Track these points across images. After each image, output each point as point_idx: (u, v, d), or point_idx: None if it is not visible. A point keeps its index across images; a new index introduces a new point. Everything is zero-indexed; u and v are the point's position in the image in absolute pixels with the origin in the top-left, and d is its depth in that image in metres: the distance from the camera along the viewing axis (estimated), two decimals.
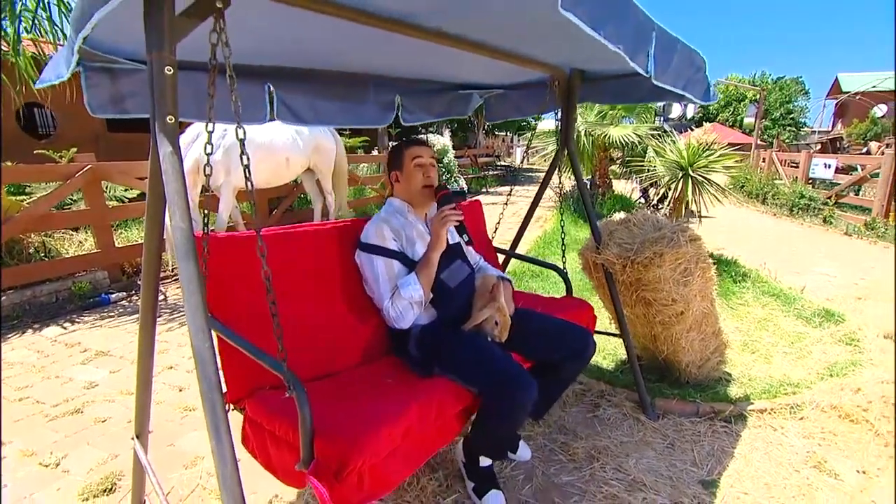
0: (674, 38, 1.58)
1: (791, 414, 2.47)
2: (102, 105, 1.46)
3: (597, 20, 1.07)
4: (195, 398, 2.56)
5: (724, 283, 4.67)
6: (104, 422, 2.35)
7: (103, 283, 4.37)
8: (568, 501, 1.84)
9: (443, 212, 1.72)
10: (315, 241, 1.80)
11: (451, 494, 1.84)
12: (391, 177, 1.90)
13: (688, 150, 4.88)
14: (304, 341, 1.63)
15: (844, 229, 7.88)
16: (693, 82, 1.85)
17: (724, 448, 2.19)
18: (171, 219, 1.01)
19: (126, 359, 3.04)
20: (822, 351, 3.30)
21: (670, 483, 1.94)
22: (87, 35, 1.00)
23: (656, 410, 2.45)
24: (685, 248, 2.24)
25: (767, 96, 31.76)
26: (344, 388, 1.57)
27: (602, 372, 2.84)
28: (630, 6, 1.24)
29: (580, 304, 2.36)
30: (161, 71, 0.98)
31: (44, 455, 2.08)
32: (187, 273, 0.98)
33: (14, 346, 3.21)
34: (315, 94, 1.98)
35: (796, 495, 1.91)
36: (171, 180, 1.00)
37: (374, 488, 1.26)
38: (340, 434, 1.24)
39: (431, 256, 1.72)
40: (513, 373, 1.55)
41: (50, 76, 1.27)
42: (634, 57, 1.30)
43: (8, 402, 2.51)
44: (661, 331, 2.50)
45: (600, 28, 1.10)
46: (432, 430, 1.46)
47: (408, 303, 1.68)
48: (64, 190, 4.16)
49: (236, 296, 1.50)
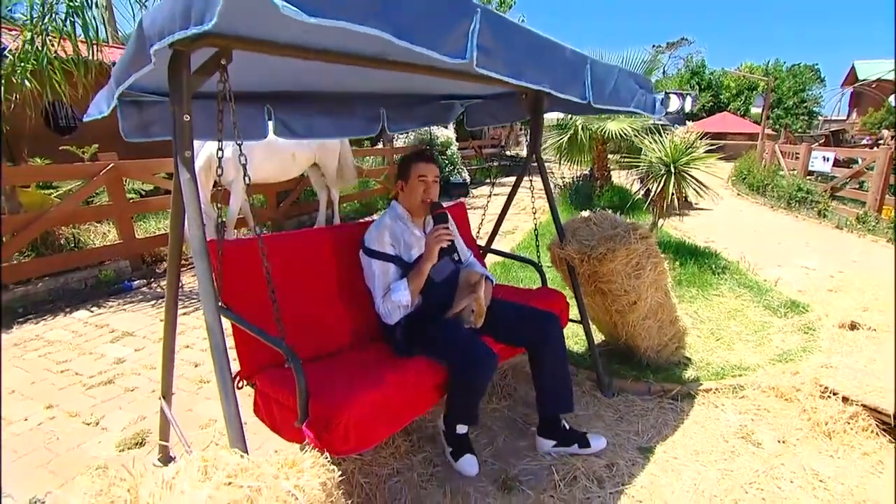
0: (612, 67, 1.88)
1: (733, 393, 2.76)
2: (133, 131, 1.81)
3: (514, 71, 1.38)
4: (209, 372, 2.94)
5: (704, 274, 4.93)
6: (132, 391, 2.75)
7: (126, 272, 4.78)
8: (521, 461, 2.17)
9: (437, 230, 2.00)
10: (312, 244, 2.14)
11: (421, 453, 2.19)
12: (398, 185, 2.18)
13: (671, 148, 5.11)
14: (304, 328, 1.95)
15: (837, 222, 8.03)
16: (639, 100, 2.16)
17: (666, 421, 2.51)
18: (189, 227, 1.35)
19: (148, 339, 3.44)
20: (782, 339, 3.57)
21: (611, 449, 2.26)
22: (125, 88, 1.33)
23: (612, 389, 2.77)
24: (636, 245, 2.55)
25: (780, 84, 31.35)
26: (336, 365, 1.91)
27: (570, 355, 3.15)
28: (552, 52, 1.54)
29: (553, 294, 2.68)
30: (181, 118, 1.31)
31: (85, 416, 2.50)
32: (201, 268, 1.32)
33: (52, 327, 3.65)
34: (308, 112, 2.31)
35: (718, 459, 2.22)
36: (189, 199, 1.33)
37: (357, 442, 1.59)
38: (330, 397, 1.58)
39: (423, 268, 2.00)
40: (477, 352, 1.88)
41: (94, 112, 1.62)
42: (564, 90, 1.61)
43: (52, 374, 2.94)
44: (619, 318, 2.81)
45: (520, 76, 1.41)
46: (409, 398, 1.78)
47: (395, 305, 2.00)
48: (90, 187, 4.56)
49: (246, 290, 1.81)
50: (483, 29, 1.23)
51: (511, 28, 1.36)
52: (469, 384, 1.89)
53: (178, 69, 1.29)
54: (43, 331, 3.61)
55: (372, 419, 1.63)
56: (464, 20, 1.20)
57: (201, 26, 0.94)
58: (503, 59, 1.33)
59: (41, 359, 3.16)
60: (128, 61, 1.28)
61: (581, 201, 8.74)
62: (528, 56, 1.42)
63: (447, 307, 2.05)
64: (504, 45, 1.32)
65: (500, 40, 1.31)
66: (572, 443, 2.20)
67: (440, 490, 1.98)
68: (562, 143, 8.10)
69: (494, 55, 1.29)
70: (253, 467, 1.02)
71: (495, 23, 1.28)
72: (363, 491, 1.94)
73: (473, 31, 1.22)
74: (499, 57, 1.31)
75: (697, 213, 9.55)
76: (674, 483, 2.06)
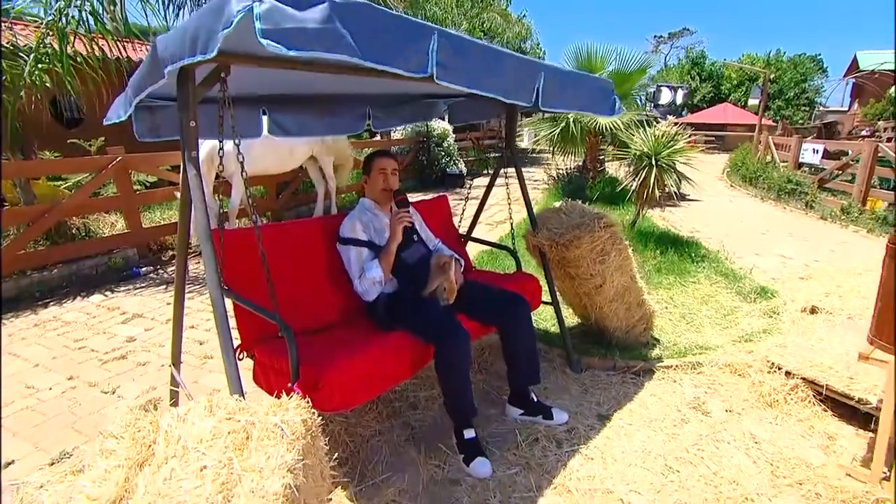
0: (568, 74, 2.11)
1: (692, 370, 3.02)
2: (145, 132, 2.07)
3: (469, 82, 1.62)
4: (213, 349, 3.22)
5: (683, 262, 5.17)
6: (143, 365, 3.03)
7: (133, 259, 5.06)
8: (490, 426, 2.44)
9: (399, 213, 2.29)
10: (304, 233, 2.39)
11: (401, 418, 2.46)
12: (363, 180, 2.47)
13: (653, 141, 5.33)
14: (296, 306, 2.19)
15: (822, 213, 8.24)
16: (594, 102, 2.40)
17: (626, 394, 2.77)
18: (195, 216, 1.60)
19: (157, 320, 3.72)
20: (748, 323, 3.82)
21: (573, 416, 2.51)
22: (141, 98, 1.58)
23: (581, 366, 3.03)
24: (600, 233, 2.79)
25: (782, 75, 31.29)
26: (325, 338, 2.16)
27: (542, 335, 3.41)
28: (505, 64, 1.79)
29: (527, 277, 2.94)
30: (188, 124, 1.56)
31: (103, 386, 2.78)
32: (206, 251, 1.57)
33: (69, 310, 3.94)
34: (300, 112, 2.55)
35: (668, 426, 2.48)
36: (195, 192, 1.58)
37: (340, 402, 1.85)
38: (318, 363, 1.83)
39: (390, 247, 2.27)
40: (450, 326, 2.13)
41: (113, 116, 1.87)
42: (513, 97, 1.86)
43: (70, 350, 3.23)
44: (588, 300, 3.06)
45: (474, 86, 1.65)
46: (388, 368, 2.03)
47: (371, 282, 2.26)
48: (99, 179, 4.81)
49: (246, 273, 2.04)
50: (441, 48, 1.48)
51: (466, 45, 1.60)
52: (450, 361, 2.10)
53: (185, 83, 1.54)
54: (60, 313, 3.89)
55: (354, 383, 1.89)
56: (423, 41, 1.44)
57: (205, 55, 1.18)
58: (460, 73, 1.57)
59: (59, 337, 3.45)
60: (144, 76, 1.53)
61: (574, 193, 8.94)
62: (482, 69, 1.67)
63: (423, 288, 2.31)
64: (460, 60, 1.56)
65: (457, 56, 1.55)
66: (538, 414, 2.46)
67: (416, 448, 2.25)
68: (554, 136, 8.32)
69: (452, 69, 1.53)
70: (248, 407, 1.28)
71: (452, 42, 1.52)
72: (348, 448, 2.21)
73: (433, 50, 1.46)
74: (456, 71, 1.55)
75: (688, 203, 9.77)
76: (625, 445, 2.32)
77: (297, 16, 1.10)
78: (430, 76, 1.48)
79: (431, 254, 2.50)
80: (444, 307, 2.25)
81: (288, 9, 1.09)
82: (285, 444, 1.18)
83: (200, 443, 1.17)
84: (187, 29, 1.24)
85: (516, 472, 2.10)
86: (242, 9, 1.06)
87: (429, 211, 2.91)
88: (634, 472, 2.14)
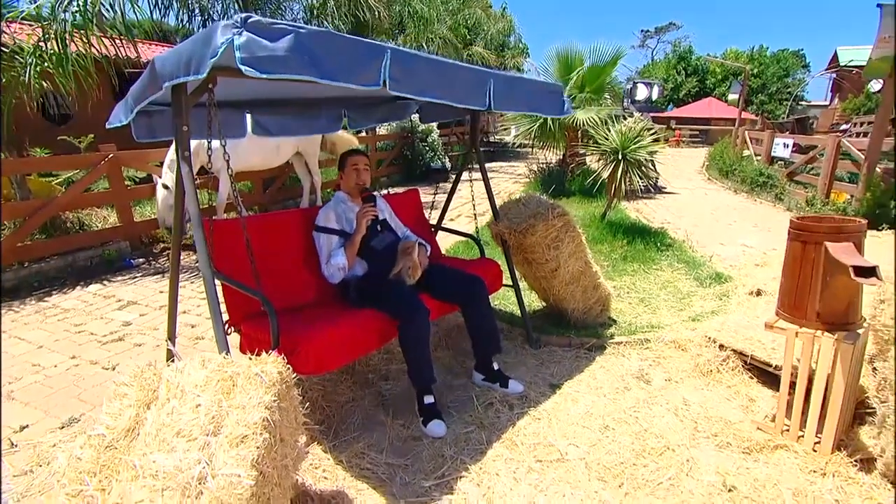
0: (515, 78, 2.41)
1: (640, 346, 3.34)
2: (142, 134, 2.35)
3: (418, 90, 1.91)
4: (203, 331, 3.50)
5: (649, 251, 5.51)
6: (140, 346, 3.31)
7: (126, 251, 5.30)
8: (453, 394, 2.74)
9: (364, 208, 2.58)
10: (285, 223, 2.67)
11: (373, 388, 2.77)
12: (339, 175, 2.76)
13: (621, 137, 5.65)
14: (277, 287, 2.48)
15: (789, 205, 8.64)
16: (543, 103, 2.71)
17: (578, 367, 3.08)
18: (188, 205, 1.88)
19: (150, 306, 3.98)
20: (700, 305, 4.16)
21: (527, 386, 2.82)
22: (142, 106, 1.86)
23: (539, 343, 3.34)
24: (553, 222, 3.10)
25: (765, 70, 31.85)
26: (302, 314, 2.44)
27: (508, 316, 3.72)
28: (453, 74, 2.08)
29: (488, 262, 3.24)
30: (181, 129, 1.84)
31: (103, 363, 3.06)
32: (198, 236, 1.85)
33: (67, 298, 4.20)
34: (280, 114, 2.83)
35: (612, 392, 2.80)
36: (189, 188, 1.86)
37: (315, 366, 2.14)
38: (295, 332, 2.12)
39: (355, 238, 2.56)
40: (412, 304, 2.42)
41: (114, 121, 2.14)
42: (464, 102, 2.16)
43: (71, 334, 3.49)
44: (546, 283, 3.37)
45: (424, 94, 1.95)
46: (357, 338, 2.32)
47: (335, 267, 2.54)
48: (93, 175, 5.04)
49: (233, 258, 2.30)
50: (393, 63, 1.76)
51: (415, 60, 1.89)
52: (412, 335, 2.41)
53: (179, 94, 1.82)
54: (58, 301, 4.15)
55: (326, 350, 2.18)
56: (377, 59, 1.73)
57: (198, 75, 1.47)
58: (410, 84, 1.86)
59: (60, 322, 3.71)
60: (145, 88, 1.80)
61: (554, 186, 9.23)
62: (430, 79, 1.96)
63: (390, 270, 2.60)
64: (410, 72, 1.85)
65: (407, 69, 1.83)
66: (496, 381, 2.78)
67: (385, 413, 2.55)
68: (532, 131, 8.62)
69: (402, 81, 1.82)
70: (234, 362, 1.57)
71: (402, 58, 1.81)
72: (325, 412, 2.51)
73: (385, 66, 1.75)
74: (406, 82, 1.84)
75: (665, 196, 10.14)
76: (570, 408, 2.64)
77: (268, 45, 1.38)
78: (383, 87, 1.76)
79: (399, 241, 2.79)
80: (408, 287, 2.54)
81: (262, 40, 1.38)
82: (264, 388, 1.48)
83: (195, 388, 1.46)
84: (182, 53, 1.52)
85: (471, 430, 2.42)
86: (225, 41, 1.34)
87: (400, 203, 3.21)
88: (575, 430, 2.46)
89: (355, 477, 2.09)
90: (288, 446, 1.57)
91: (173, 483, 1.22)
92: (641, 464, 2.21)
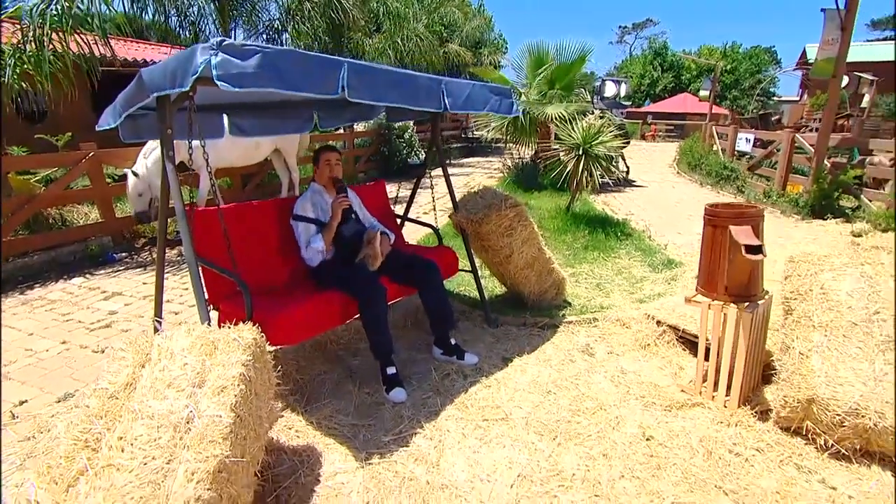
0: (465, 84, 2.72)
1: (589, 324, 3.69)
2: (129, 135, 2.60)
3: (375, 97, 2.21)
4: (186, 317, 3.76)
5: (609, 241, 5.88)
6: (126, 331, 3.56)
7: (109, 246, 5.48)
8: (414, 366, 3.05)
9: (338, 198, 2.87)
10: (260, 212, 2.94)
11: (343, 363, 3.07)
12: (314, 169, 3.04)
13: (582, 133, 6.00)
14: (252, 270, 2.75)
15: (748, 197, 9.12)
16: (494, 104, 3.01)
17: (530, 343, 3.41)
18: (172, 199, 2.14)
19: (135, 297, 4.21)
20: (651, 289, 4.52)
21: (482, 359, 3.13)
22: (130, 111, 2.12)
23: (497, 322, 3.66)
24: (506, 212, 3.42)
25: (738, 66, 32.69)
26: (275, 294, 2.73)
27: (468, 299, 4.04)
28: (407, 81, 2.38)
29: (445, 249, 3.56)
30: (165, 132, 2.11)
31: (93, 347, 3.31)
32: (182, 226, 2.12)
33: (52, 291, 4.40)
34: (255, 116, 3.10)
35: (557, 364, 3.13)
36: (173, 185, 2.13)
37: (284, 338, 2.42)
38: (267, 309, 2.40)
39: (331, 224, 2.85)
40: (371, 285, 2.72)
41: (104, 124, 2.39)
42: (419, 104, 2.45)
43: (59, 322, 3.71)
44: (502, 269, 3.70)
45: (381, 100, 2.24)
46: (323, 313, 2.61)
47: (315, 251, 2.83)
48: (75, 172, 5.22)
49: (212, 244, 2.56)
50: (350, 74, 2.05)
51: (371, 70, 2.18)
52: (371, 312, 2.68)
53: (164, 102, 2.08)
54: (44, 293, 4.35)
55: (295, 324, 2.45)
56: (336, 71, 2.02)
57: (182, 88, 1.74)
58: (366, 90, 2.15)
59: (48, 312, 3.92)
60: (133, 96, 2.07)
61: (526, 180, 9.56)
62: (386, 86, 2.25)
63: (355, 256, 2.90)
64: (366, 81, 2.14)
65: (363, 79, 2.12)
66: (453, 354, 3.09)
67: (352, 383, 2.85)
68: (505, 127, 8.94)
69: (359, 88, 2.11)
70: (215, 330, 1.86)
71: (358, 69, 2.10)
72: (298, 383, 2.81)
73: (343, 76, 2.04)
74: (363, 89, 2.12)
75: (633, 189, 10.56)
76: (519, 377, 2.97)
77: (240, 63, 1.66)
78: (342, 95, 2.05)
79: (366, 229, 3.08)
80: (369, 272, 2.84)
81: (234, 59, 1.66)
82: (240, 350, 1.77)
83: (182, 350, 1.74)
84: (167, 67, 1.79)
85: (428, 396, 2.73)
86: (204, 60, 1.62)
87: (368, 194, 3.50)
88: (521, 395, 2.79)
89: (324, 434, 2.40)
90: (262, 400, 1.87)
91: (167, 422, 1.51)
92: (575, 421, 2.55)
